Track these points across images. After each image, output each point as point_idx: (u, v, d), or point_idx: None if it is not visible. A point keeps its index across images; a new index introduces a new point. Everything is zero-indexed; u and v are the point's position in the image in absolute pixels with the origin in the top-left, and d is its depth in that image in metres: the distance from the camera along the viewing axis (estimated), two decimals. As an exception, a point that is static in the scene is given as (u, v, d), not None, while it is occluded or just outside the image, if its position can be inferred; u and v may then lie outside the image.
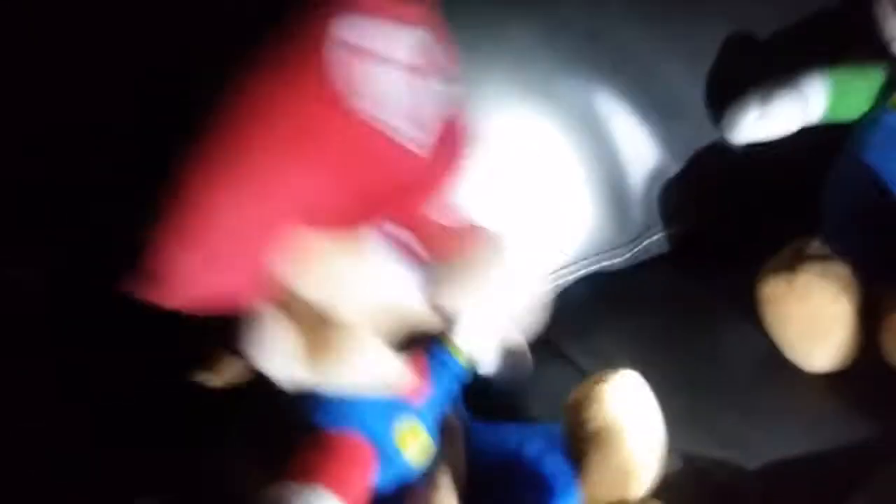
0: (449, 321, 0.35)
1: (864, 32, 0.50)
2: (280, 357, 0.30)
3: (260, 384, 0.31)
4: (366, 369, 0.31)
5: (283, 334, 0.30)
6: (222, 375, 0.33)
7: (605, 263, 0.56)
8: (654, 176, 0.55)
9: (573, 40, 0.52)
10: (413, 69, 0.28)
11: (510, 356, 0.46)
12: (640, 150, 0.54)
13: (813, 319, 0.46)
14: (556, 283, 0.55)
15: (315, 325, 0.30)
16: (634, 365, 0.41)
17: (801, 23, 0.56)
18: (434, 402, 0.37)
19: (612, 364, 0.40)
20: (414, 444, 0.35)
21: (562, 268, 0.55)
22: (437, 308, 0.33)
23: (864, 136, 0.52)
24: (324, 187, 0.27)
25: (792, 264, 0.46)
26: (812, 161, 0.52)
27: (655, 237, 0.57)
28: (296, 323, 0.30)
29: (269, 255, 0.28)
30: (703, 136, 0.55)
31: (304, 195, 0.27)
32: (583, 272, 0.56)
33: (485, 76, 0.51)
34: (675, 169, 0.56)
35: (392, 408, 0.34)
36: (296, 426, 0.32)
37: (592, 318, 0.53)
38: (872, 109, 0.52)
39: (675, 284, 0.56)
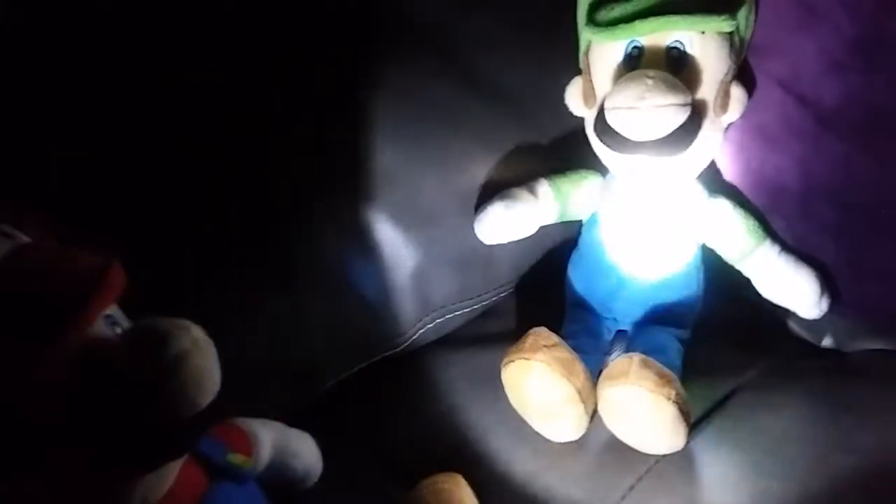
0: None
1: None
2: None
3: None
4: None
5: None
6: None
7: (385, 354, 0.62)
8: (418, 275, 0.62)
9: (344, 165, 0.59)
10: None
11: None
12: (404, 255, 0.61)
13: (545, 402, 0.54)
14: (335, 381, 0.60)
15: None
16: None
17: (537, 139, 0.66)
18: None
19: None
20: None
21: (344, 366, 0.60)
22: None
23: (585, 231, 0.62)
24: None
25: (529, 352, 0.54)
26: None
27: (428, 326, 0.64)
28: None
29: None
30: (461, 239, 0.63)
31: None
32: (364, 364, 0.61)
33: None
34: (435, 268, 0.63)
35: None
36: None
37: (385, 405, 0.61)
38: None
39: (451, 366, 0.64)
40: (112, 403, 0.33)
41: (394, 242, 0.61)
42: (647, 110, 0.52)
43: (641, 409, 0.50)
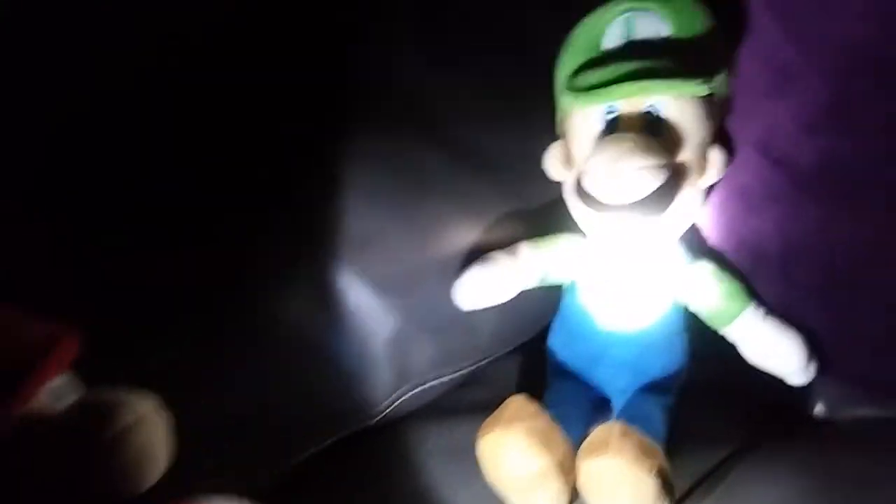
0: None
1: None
2: None
3: None
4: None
5: None
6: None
7: (359, 427, 0.60)
8: (395, 343, 0.60)
9: (316, 227, 0.57)
10: None
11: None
12: (380, 322, 0.60)
13: (523, 476, 0.51)
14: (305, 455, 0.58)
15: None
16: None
17: (517, 204, 0.65)
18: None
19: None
20: None
21: (315, 440, 0.58)
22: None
23: (567, 296, 0.61)
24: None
25: (507, 423, 0.52)
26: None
27: (405, 397, 0.62)
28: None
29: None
30: (440, 306, 0.61)
31: None
32: (336, 437, 0.59)
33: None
34: (413, 336, 0.61)
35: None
36: None
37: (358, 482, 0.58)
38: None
39: (428, 439, 0.62)
40: (45, 484, 0.31)
41: (369, 309, 0.59)
42: (624, 173, 0.51)
43: (622, 482, 0.48)
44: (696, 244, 0.61)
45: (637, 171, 0.51)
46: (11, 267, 0.46)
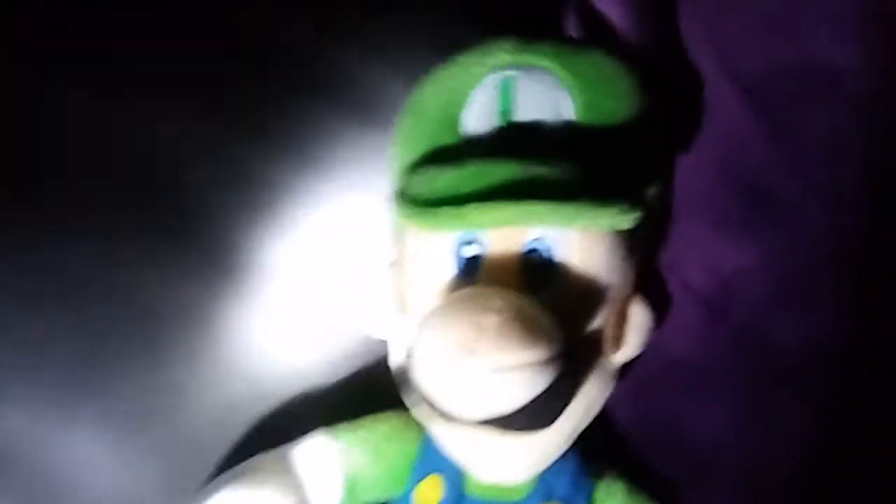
0: None
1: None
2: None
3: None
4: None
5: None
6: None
7: None
8: None
9: None
10: None
11: None
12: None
13: None
14: None
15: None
16: None
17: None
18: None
19: None
20: None
21: None
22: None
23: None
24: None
25: None
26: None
27: None
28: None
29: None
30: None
31: None
32: None
33: None
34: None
35: None
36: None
37: None
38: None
39: None
40: None
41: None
42: (483, 374, 0.28)
43: None
44: (601, 440, 0.38)
45: (505, 374, 0.28)
46: None
